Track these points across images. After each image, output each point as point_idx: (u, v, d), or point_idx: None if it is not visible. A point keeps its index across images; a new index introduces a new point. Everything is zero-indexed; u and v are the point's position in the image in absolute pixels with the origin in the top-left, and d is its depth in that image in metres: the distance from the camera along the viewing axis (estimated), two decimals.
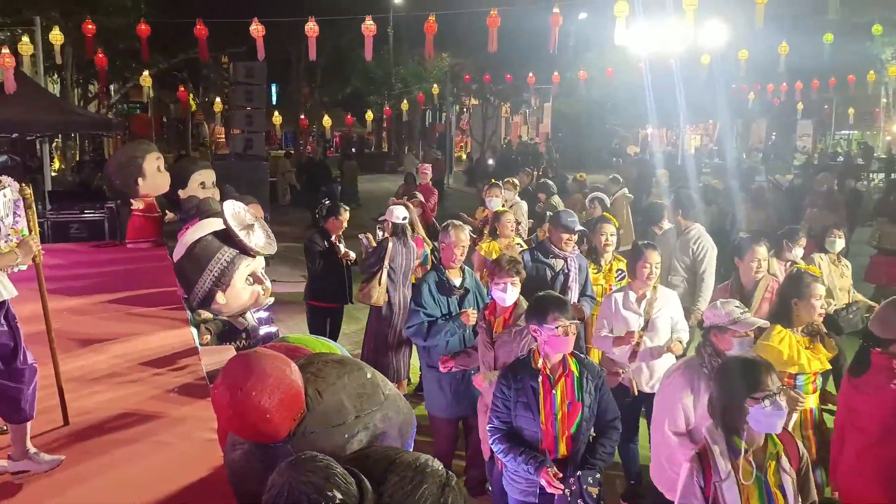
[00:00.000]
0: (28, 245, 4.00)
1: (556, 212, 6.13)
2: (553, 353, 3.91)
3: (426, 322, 5.17)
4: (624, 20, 11.22)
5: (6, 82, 12.28)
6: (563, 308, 3.92)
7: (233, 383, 2.81)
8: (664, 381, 4.21)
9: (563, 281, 5.82)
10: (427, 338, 5.20)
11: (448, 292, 5.27)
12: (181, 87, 28.66)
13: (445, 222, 5.71)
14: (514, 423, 3.94)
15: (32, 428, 4.41)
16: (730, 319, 4.02)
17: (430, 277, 5.32)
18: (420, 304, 5.24)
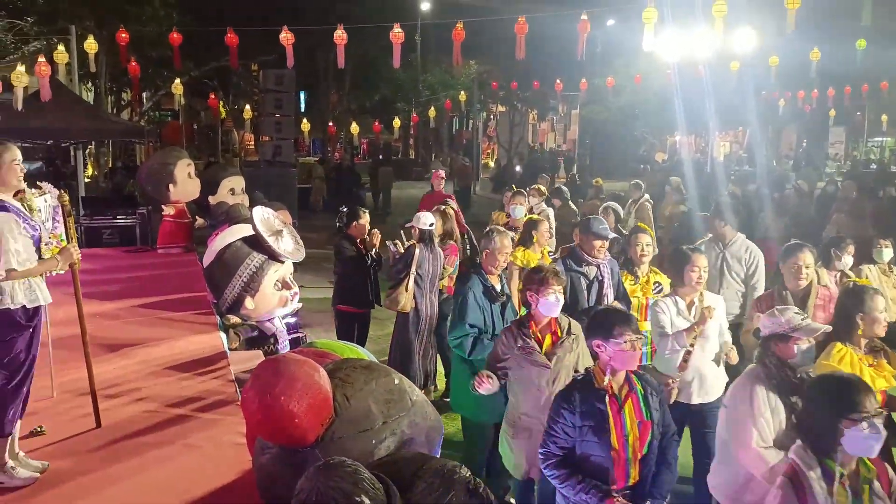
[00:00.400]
0: (69, 252, 4.08)
1: (585, 218, 5.91)
2: (620, 370, 3.68)
3: (470, 337, 5.02)
4: (653, 27, 11.15)
5: (42, 90, 12.52)
6: (629, 321, 3.73)
7: (262, 388, 2.84)
8: (737, 396, 3.94)
9: (598, 288, 5.66)
10: (470, 353, 5.05)
11: (492, 298, 5.17)
12: (212, 95, 28.99)
13: (488, 227, 5.61)
14: (578, 449, 3.66)
15: (67, 429, 4.50)
16: (790, 327, 3.83)
17: (475, 283, 5.15)
18: (464, 314, 5.05)
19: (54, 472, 4.04)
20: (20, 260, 3.68)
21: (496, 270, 5.27)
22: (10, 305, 3.70)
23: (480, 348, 4.98)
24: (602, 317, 3.84)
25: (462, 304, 5.10)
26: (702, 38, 12.70)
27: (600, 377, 3.68)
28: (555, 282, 4.41)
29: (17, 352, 3.79)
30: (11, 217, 3.70)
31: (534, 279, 4.46)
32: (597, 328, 3.75)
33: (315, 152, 42.88)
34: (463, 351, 5.05)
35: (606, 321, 3.73)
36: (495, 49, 27.65)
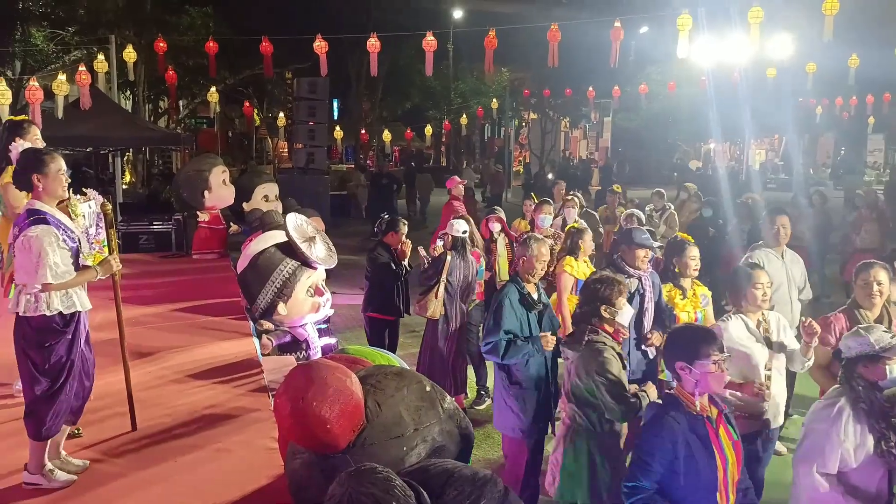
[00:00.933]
0: (108, 263, 4.14)
1: (627, 228, 5.83)
2: (706, 393, 3.45)
3: (504, 340, 4.90)
4: (687, 33, 11.05)
5: (82, 98, 12.78)
6: (714, 339, 3.46)
7: (294, 393, 2.86)
8: (816, 417, 3.78)
9: (640, 301, 5.48)
10: (504, 356, 4.92)
11: (529, 307, 5.05)
12: (246, 103, 29.39)
13: (526, 235, 5.54)
14: (673, 481, 3.35)
15: (103, 432, 4.57)
16: (880, 346, 3.62)
17: (511, 291, 5.05)
18: (499, 321, 4.94)
19: (90, 475, 4.10)
20: (58, 273, 3.74)
21: (533, 278, 5.17)
22: (47, 312, 3.77)
23: (514, 350, 4.88)
24: (684, 336, 3.58)
25: (497, 310, 4.99)
26: (737, 44, 12.57)
27: (690, 400, 3.39)
28: (625, 291, 4.39)
29: (57, 357, 3.85)
30: (52, 230, 3.77)
31: (608, 291, 4.35)
32: (679, 349, 3.48)
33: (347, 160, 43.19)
34: (497, 354, 4.93)
35: (690, 341, 3.47)
36: (527, 56, 27.63)
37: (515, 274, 5.22)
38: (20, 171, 3.89)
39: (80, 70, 12.70)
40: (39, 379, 3.83)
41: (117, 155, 17.18)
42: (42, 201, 3.86)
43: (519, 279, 5.16)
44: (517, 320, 4.97)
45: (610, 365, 4.18)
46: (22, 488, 3.93)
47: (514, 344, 4.89)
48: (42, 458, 3.92)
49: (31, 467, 3.91)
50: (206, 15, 22.57)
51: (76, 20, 19.14)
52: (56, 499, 3.87)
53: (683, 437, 3.33)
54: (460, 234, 7.03)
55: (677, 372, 3.45)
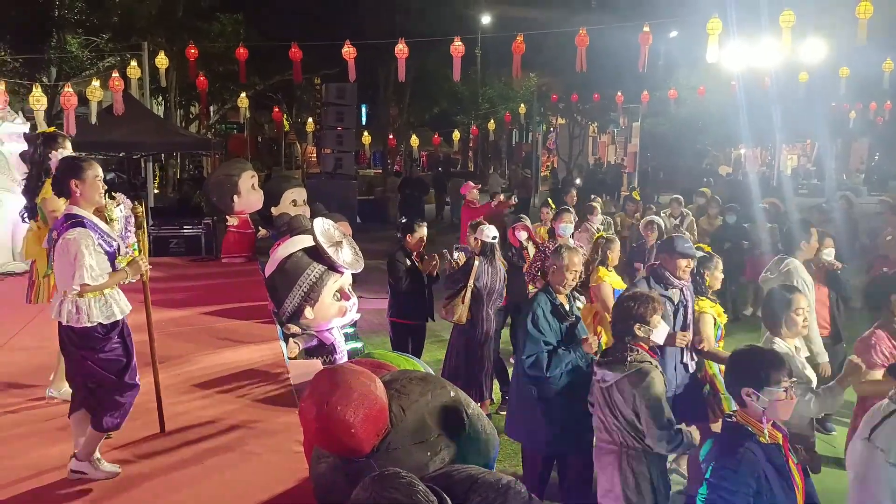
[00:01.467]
0: (137, 265, 4.23)
1: (669, 237, 5.44)
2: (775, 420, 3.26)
3: (545, 353, 4.67)
4: (717, 38, 10.95)
5: (115, 104, 13.00)
6: (782, 364, 3.24)
7: (319, 398, 2.88)
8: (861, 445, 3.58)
9: (684, 313, 5.24)
10: (548, 370, 4.67)
11: (561, 318, 4.86)
12: (276, 108, 29.67)
13: (558, 244, 5.36)
14: None
15: (133, 434, 4.64)
16: None
17: (543, 302, 4.86)
18: (538, 332, 4.74)
19: (120, 476, 4.16)
20: (94, 276, 3.83)
21: (564, 289, 4.97)
22: (87, 324, 3.87)
23: (557, 361, 4.68)
24: (751, 360, 3.32)
25: (533, 322, 4.79)
26: (768, 48, 12.41)
27: (758, 428, 3.18)
28: (661, 307, 4.21)
29: (115, 355, 3.98)
30: (88, 233, 3.86)
31: (643, 308, 4.15)
32: (746, 373, 3.25)
33: (375, 165, 43.37)
34: (540, 369, 4.67)
35: (759, 366, 3.23)
36: (555, 61, 27.54)
37: (546, 284, 5.03)
38: (59, 177, 3.98)
39: (114, 76, 12.92)
40: (103, 376, 3.95)
41: (149, 160, 17.43)
42: (79, 207, 3.95)
43: (550, 289, 4.97)
44: (551, 331, 4.80)
45: (654, 388, 3.96)
46: (56, 485, 4.01)
47: (555, 354, 4.69)
48: (95, 448, 4.03)
49: (81, 455, 4.02)
50: (237, 22, 22.83)
51: (110, 27, 19.46)
52: (87, 498, 3.93)
53: (762, 470, 3.11)
54: (489, 239, 7.00)
55: (742, 398, 3.22)
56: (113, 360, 3.97)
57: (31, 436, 4.69)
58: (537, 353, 4.69)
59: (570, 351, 4.72)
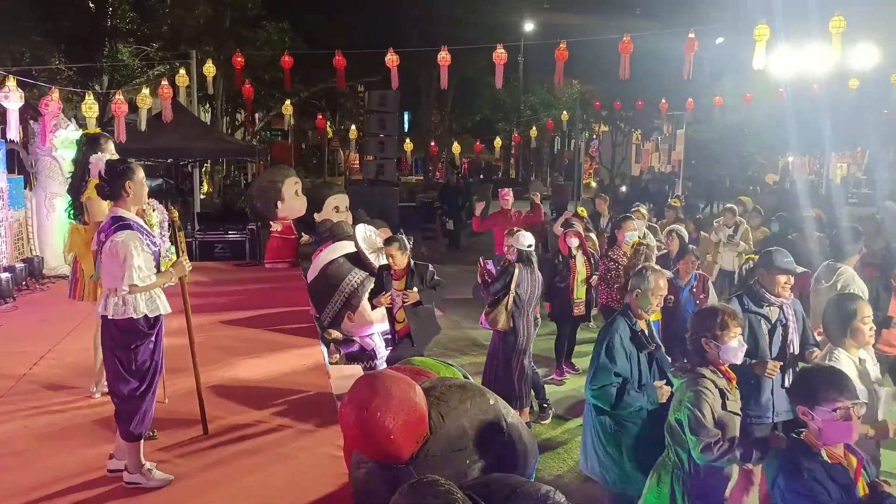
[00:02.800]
0: (181, 265, 4.32)
1: (767, 251, 4.99)
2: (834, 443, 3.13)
3: (615, 386, 4.28)
4: (764, 44, 10.75)
5: (164, 112, 13.28)
6: (839, 384, 3.12)
7: (359, 404, 2.89)
8: None
9: (783, 333, 4.82)
10: (616, 407, 4.31)
11: (640, 346, 4.44)
12: (319, 116, 29.98)
13: (642, 265, 4.87)
14: None
15: (177, 435, 4.73)
16: None
17: (621, 327, 4.44)
18: (609, 361, 4.32)
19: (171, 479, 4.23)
20: (142, 276, 3.91)
21: (646, 314, 4.53)
22: (134, 315, 3.95)
23: (627, 401, 4.27)
24: (809, 377, 3.26)
25: (608, 349, 4.38)
26: (817, 55, 12.15)
27: (817, 447, 3.09)
28: (734, 324, 3.83)
29: (143, 359, 4.03)
30: (136, 235, 3.94)
31: (710, 322, 3.86)
32: (802, 390, 3.21)
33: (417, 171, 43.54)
34: (606, 401, 4.31)
35: (813, 383, 3.17)
36: (598, 68, 27.36)
37: (626, 307, 4.57)
38: (112, 180, 4.04)
39: (163, 84, 13.19)
40: (128, 380, 4.01)
41: (196, 166, 17.76)
42: (125, 209, 4.03)
43: (630, 313, 4.51)
44: (627, 360, 4.38)
45: (702, 399, 3.73)
46: (98, 485, 4.10)
47: (626, 393, 4.29)
48: (138, 457, 4.09)
49: (130, 467, 4.09)
50: (283, 30, 23.14)
51: (160, 36, 19.89)
52: (130, 497, 4.01)
53: (825, 488, 3.02)
54: (525, 247, 6.96)
55: (801, 416, 3.15)
56: (141, 361, 4.02)
57: (77, 436, 4.81)
58: (605, 386, 4.29)
59: (642, 394, 4.30)
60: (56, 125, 10.77)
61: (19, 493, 4.02)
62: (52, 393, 5.60)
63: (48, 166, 10.75)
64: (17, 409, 5.27)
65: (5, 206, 9.68)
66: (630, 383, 4.29)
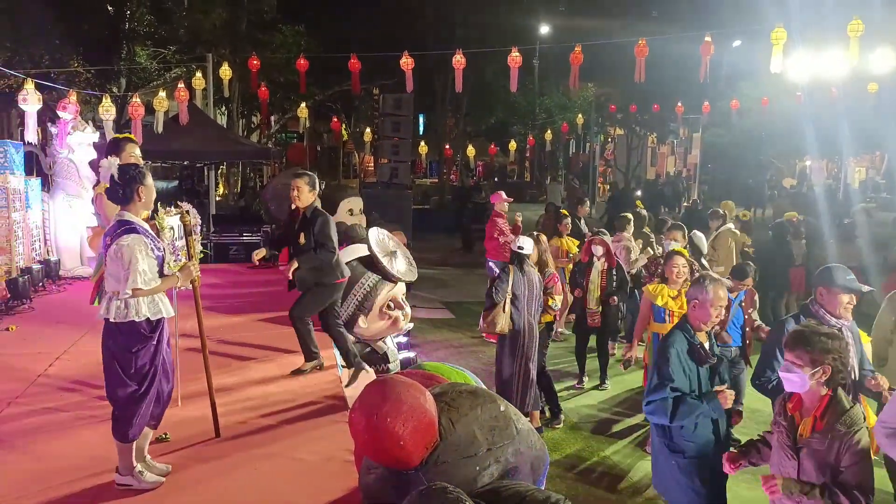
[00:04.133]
0: (188, 270, 4.34)
1: (826, 267, 4.64)
2: None
3: (671, 399, 4.05)
4: (781, 47, 10.68)
5: (181, 114, 13.37)
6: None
7: (369, 409, 2.88)
8: None
9: None
10: (673, 418, 4.05)
11: (700, 360, 4.19)
12: (334, 118, 30.11)
13: (700, 274, 4.56)
14: None
15: (189, 438, 4.74)
16: None
17: (678, 340, 4.19)
18: (665, 376, 4.09)
19: (175, 478, 4.25)
20: (146, 280, 3.93)
21: (706, 326, 4.28)
22: (136, 318, 3.96)
23: (685, 410, 4.03)
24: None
25: (663, 364, 4.13)
26: (835, 58, 12.05)
27: None
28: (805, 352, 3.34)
29: (143, 363, 4.04)
30: (142, 239, 3.96)
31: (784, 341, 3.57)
32: None
33: (431, 174, 43.60)
34: (663, 415, 4.08)
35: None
36: (614, 72, 27.33)
37: (684, 320, 4.31)
38: (125, 185, 4.06)
39: (180, 87, 13.28)
40: (127, 383, 4.02)
41: (212, 168, 17.85)
42: (132, 213, 4.06)
43: (689, 326, 4.25)
44: (685, 376, 4.13)
45: None
46: (111, 487, 4.11)
47: (683, 402, 4.04)
48: (130, 459, 4.10)
49: (121, 468, 4.10)
50: (298, 33, 23.26)
51: (177, 40, 20.04)
52: (140, 498, 4.03)
53: None
54: (516, 248, 6.88)
55: None
56: (140, 365, 4.03)
57: (92, 437, 4.83)
58: (660, 399, 4.07)
59: (701, 400, 4.05)
60: (74, 127, 10.87)
61: (31, 493, 4.05)
62: (67, 394, 5.64)
63: (66, 168, 10.85)
64: (32, 409, 5.31)
65: (23, 208, 9.77)
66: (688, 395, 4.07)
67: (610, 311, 8.26)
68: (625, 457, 6.59)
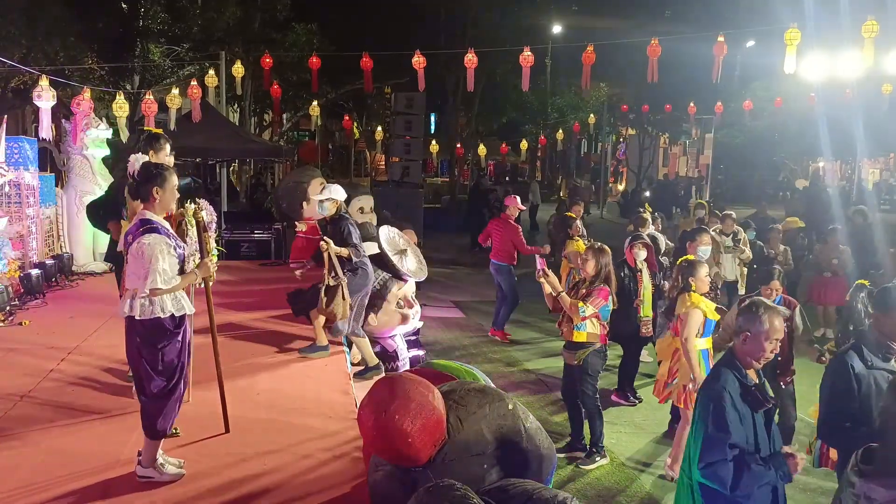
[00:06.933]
0: (206, 266, 4.37)
1: (884, 288, 4.10)
2: None
3: (731, 461, 3.29)
4: (795, 48, 10.63)
5: (193, 112, 13.43)
6: None
7: (377, 406, 2.91)
8: None
9: None
10: (735, 488, 3.29)
11: (757, 405, 3.43)
12: (346, 117, 30.14)
13: (751, 300, 3.74)
14: None
15: (199, 433, 4.77)
16: None
17: (730, 382, 3.43)
18: (721, 429, 3.32)
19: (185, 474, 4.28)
20: (166, 279, 3.97)
21: (758, 363, 3.52)
22: (161, 314, 4.01)
23: (748, 478, 3.28)
24: None
25: (717, 412, 3.35)
26: (849, 59, 11.98)
27: None
28: None
29: (170, 358, 4.09)
30: (163, 238, 4.01)
31: None
32: None
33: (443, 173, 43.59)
34: (721, 483, 3.30)
35: None
36: (626, 72, 27.23)
37: (732, 356, 3.56)
38: (142, 183, 4.12)
39: (192, 84, 13.33)
40: (155, 379, 4.07)
41: (224, 166, 17.92)
42: (153, 212, 4.10)
43: (738, 363, 3.51)
44: (741, 425, 3.38)
45: None
46: (123, 480, 4.15)
47: (747, 469, 3.29)
48: (155, 453, 4.17)
49: (145, 461, 4.16)
50: (311, 32, 23.31)
51: (190, 37, 20.12)
52: (153, 492, 4.06)
53: None
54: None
55: None
56: (168, 360, 4.08)
57: (103, 431, 4.87)
58: (718, 463, 3.31)
59: (767, 467, 3.34)
60: (87, 124, 10.94)
61: (44, 487, 4.09)
62: (79, 389, 5.68)
63: (79, 165, 10.92)
64: (44, 403, 5.36)
65: (37, 204, 9.84)
66: (749, 455, 3.35)
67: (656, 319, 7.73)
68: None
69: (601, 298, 5.99)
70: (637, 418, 7.39)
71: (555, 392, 7.90)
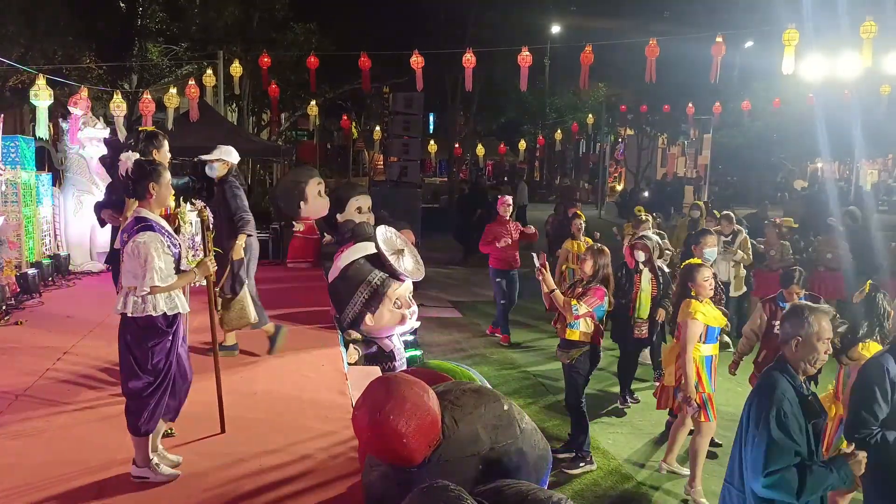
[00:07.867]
0: (206, 265, 4.36)
1: None
2: None
3: (795, 469, 3.17)
4: (793, 49, 10.63)
5: (191, 111, 13.42)
6: None
7: (372, 406, 2.90)
8: None
9: None
10: (801, 494, 3.17)
11: (812, 414, 3.31)
12: (344, 116, 30.12)
13: (793, 305, 3.62)
14: None
15: (195, 433, 4.76)
16: None
17: (787, 389, 3.29)
18: (788, 432, 3.20)
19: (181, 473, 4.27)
20: (162, 277, 3.97)
21: (813, 368, 3.39)
22: (153, 313, 3.99)
23: (813, 485, 3.19)
24: None
25: (780, 420, 3.21)
26: (848, 60, 11.98)
27: None
28: None
29: (158, 357, 4.08)
30: (158, 237, 4.00)
31: None
32: None
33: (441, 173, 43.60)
34: (789, 490, 3.16)
35: None
36: (625, 72, 27.23)
37: (784, 362, 3.39)
38: (137, 180, 4.11)
39: (190, 84, 13.32)
40: (141, 377, 4.06)
41: None
42: (149, 209, 4.09)
43: (791, 369, 3.36)
44: (801, 435, 3.25)
45: None
46: (118, 480, 4.14)
47: (810, 473, 3.18)
48: (146, 452, 4.15)
49: (138, 461, 4.15)
50: (309, 31, 23.29)
51: (188, 36, 20.12)
52: (148, 492, 4.05)
53: None
54: None
55: None
56: (157, 360, 4.06)
57: (98, 431, 4.86)
58: (784, 469, 3.16)
59: (828, 469, 3.24)
60: (85, 123, 10.93)
61: (39, 486, 4.07)
62: (75, 388, 5.67)
63: (76, 164, 10.91)
64: (40, 403, 5.34)
65: (34, 203, 9.83)
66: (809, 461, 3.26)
67: (654, 321, 7.65)
68: None
69: (596, 298, 5.99)
70: (635, 419, 7.39)
71: (552, 394, 7.91)
